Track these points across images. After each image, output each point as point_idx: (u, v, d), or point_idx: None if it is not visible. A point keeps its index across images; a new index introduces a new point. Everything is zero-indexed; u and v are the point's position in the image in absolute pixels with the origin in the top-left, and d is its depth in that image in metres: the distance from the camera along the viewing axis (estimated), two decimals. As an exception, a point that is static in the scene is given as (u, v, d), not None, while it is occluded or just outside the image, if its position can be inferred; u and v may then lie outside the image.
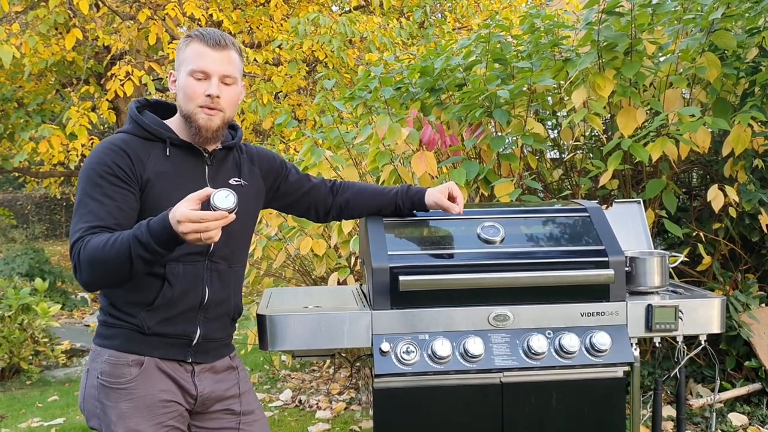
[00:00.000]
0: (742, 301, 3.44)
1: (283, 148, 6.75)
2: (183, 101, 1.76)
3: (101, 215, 1.64)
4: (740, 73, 3.24)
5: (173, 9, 7.15)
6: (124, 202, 1.67)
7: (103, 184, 1.67)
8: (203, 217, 1.47)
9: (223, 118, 1.78)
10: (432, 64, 3.70)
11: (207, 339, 1.81)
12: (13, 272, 8.75)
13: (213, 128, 1.76)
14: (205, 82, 1.73)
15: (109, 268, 1.58)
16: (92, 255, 1.58)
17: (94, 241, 1.59)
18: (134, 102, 1.85)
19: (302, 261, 4.50)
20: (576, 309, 1.98)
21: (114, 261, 1.56)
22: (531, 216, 2.17)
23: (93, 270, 1.59)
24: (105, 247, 1.56)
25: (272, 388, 4.74)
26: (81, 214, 1.66)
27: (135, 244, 1.54)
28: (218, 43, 1.74)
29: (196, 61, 1.73)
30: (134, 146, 1.74)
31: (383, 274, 1.92)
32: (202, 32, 1.76)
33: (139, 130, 1.77)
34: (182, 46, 1.78)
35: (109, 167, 1.68)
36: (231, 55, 1.77)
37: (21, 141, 7.64)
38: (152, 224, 1.54)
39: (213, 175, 1.82)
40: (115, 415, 1.70)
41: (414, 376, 1.90)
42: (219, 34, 1.76)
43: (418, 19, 7.87)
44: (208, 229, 1.48)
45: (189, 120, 1.76)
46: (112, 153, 1.70)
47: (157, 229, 1.52)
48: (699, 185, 4.01)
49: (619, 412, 2.01)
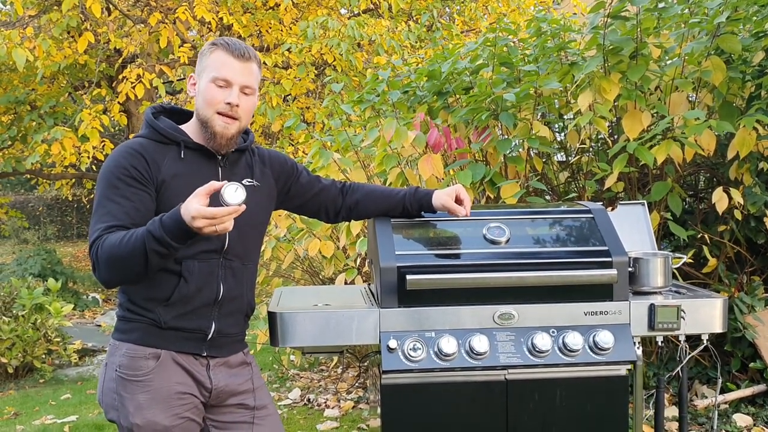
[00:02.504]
0: (747, 303, 3.46)
1: (292, 150, 6.82)
2: (202, 106, 1.82)
3: (118, 215, 1.71)
4: (746, 77, 3.26)
5: (184, 13, 7.23)
6: (140, 202, 1.74)
7: (120, 186, 1.74)
8: (216, 214, 1.56)
9: (239, 126, 1.84)
10: (439, 67, 3.74)
11: (221, 334, 1.87)
12: (25, 273, 8.84)
13: (228, 136, 1.83)
14: (226, 90, 1.79)
15: (126, 264, 1.65)
16: (109, 252, 1.65)
17: (110, 239, 1.66)
18: (150, 108, 1.91)
19: (311, 262, 4.55)
20: (580, 308, 2.02)
21: (130, 257, 1.63)
22: (536, 217, 2.21)
23: (110, 267, 1.67)
24: (121, 244, 1.64)
25: (281, 387, 4.79)
26: (99, 214, 1.73)
27: (149, 239, 1.61)
28: (243, 55, 1.81)
29: (220, 70, 1.79)
30: (150, 149, 1.80)
31: (391, 274, 1.96)
32: (227, 42, 1.82)
33: (155, 134, 1.84)
34: (206, 52, 1.84)
35: (126, 169, 1.75)
36: (253, 67, 1.84)
37: (33, 143, 7.72)
38: (165, 219, 1.61)
39: (226, 176, 1.88)
40: (132, 406, 1.76)
41: (420, 372, 1.94)
42: (244, 47, 1.83)
43: (426, 23, 7.91)
44: (222, 222, 1.58)
45: (206, 125, 1.82)
46: (129, 156, 1.77)
47: (169, 224, 1.60)
48: (705, 188, 4.03)
49: (621, 410, 2.05)
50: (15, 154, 9.23)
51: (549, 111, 3.75)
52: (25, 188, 17.19)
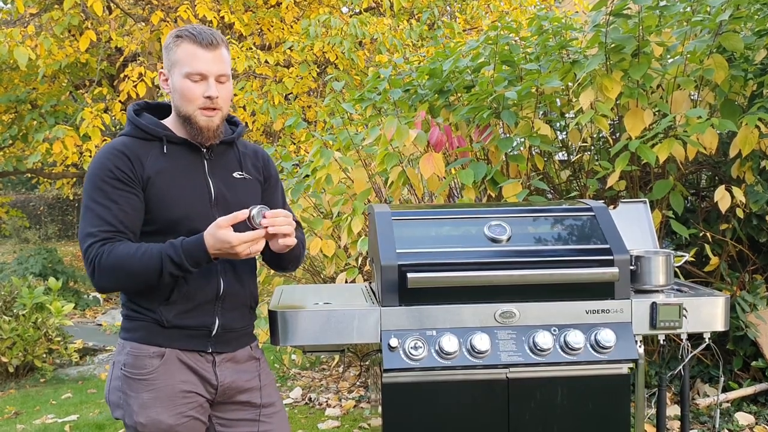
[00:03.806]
0: (750, 301, 3.45)
1: (294, 149, 6.81)
2: (181, 103, 1.79)
3: (109, 220, 1.71)
4: (748, 75, 3.25)
5: (185, 11, 7.22)
6: (127, 204, 1.74)
7: (106, 188, 1.73)
8: (256, 238, 1.69)
9: (222, 115, 1.83)
10: (440, 66, 3.73)
11: (226, 329, 1.86)
12: (26, 272, 8.85)
13: (213, 127, 1.81)
14: (202, 84, 1.77)
15: (136, 279, 1.70)
16: (118, 264, 1.68)
17: (119, 250, 1.68)
18: (133, 105, 1.90)
19: (312, 261, 4.55)
20: (581, 306, 2.01)
21: (142, 274, 1.68)
22: (537, 215, 2.21)
23: (116, 278, 1.70)
24: (133, 258, 1.67)
25: (282, 386, 4.79)
26: (88, 218, 1.73)
27: (167, 262, 1.67)
28: (211, 43, 1.77)
29: (192, 64, 1.76)
30: (133, 147, 1.79)
31: (392, 272, 1.96)
32: (192, 32, 1.77)
33: (137, 132, 1.82)
34: (172, 45, 1.79)
35: (111, 171, 1.74)
36: (222, 53, 1.80)
37: (35, 142, 7.72)
38: (186, 246, 1.67)
39: (212, 169, 1.85)
40: (137, 404, 1.76)
41: (422, 371, 1.94)
42: (209, 33, 1.78)
43: (426, 21, 7.90)
44: (256, 243, 1.69)
45: (188, 121, 1.80)
46: (112, 157, 1.76)
47: (191, 250, 1.67)
48: (707, 186, 4.02)
49: (623, 408, 2.04)
50: (16, 153, 9.24)
51: (551, 109, 3.74)
52: (26, 187, 17.22)
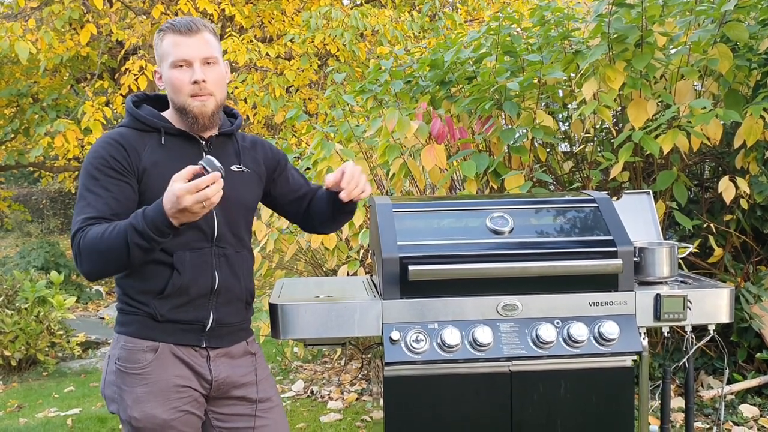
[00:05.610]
0: (754, 292, 3.43)
1: (295, 142, 6.79)
2: (173, 94, 1.80)
3: (99, 207, 1.70)
4: (752, 65, 3.22)
5: (186, 4, 7.19)
6: (120, 193, 1.72)
7: (100, 177, 1.72)
8: (199, 185, 1.53)
9: (216, 101, 1.81)
10: (442, 57, 3.71)
11: (221, 324, 1.84)
12: (29, 266, 8.85)
13: (208, 113, 1.79)
14: (188, 70, 1.77)
15: (107, 257, 1.64)
16: (90, 245, 1.64)
17: (92, 232, 1.65)
18: (131, 96, 1.89)
19: (313, 254, 4.54)
20: (584, 299, 1.99)
21: (111, 250, 1.62)
22: (540, 207, 2.19)
23: (92, 259, 1.66)
24: (102, 237, 1.63)
25: (284, 379, 4.79)
26: (80, 207, 1.72)
27: (131, 233, 1.60)
28: (191, 29, 1.77)
29: (175, 52, 1.76)
30: (130, 138, 1.78)
31: (393, 264, 1.94)
32: (172, 23, 1.79)
33: (135, 123, 1.81)
34: (157, 41, 1.81)
35: (106, 160, 1.73)
36: (206, 37, 1.79)
37: (36, 136, 7.71)
38: (148, 212, 1.60)
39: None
40: (131, 399, 1.75)
41: (423, 364, 1.92)
42: (189, 20, 1.78)
43: (427, 12, 7.86)
44: (207, 195, 1.53)
45: (183, 111, 1.79)
46: (108, 146, 1.76)
47: (152, 216, 1.58)
48: (711, 177, 4.00)
49: (627, 401, 2.03)
50: (18, 147, 9.22)
51: (553, 100, 3.72)
52: (28, 181, 17.22)
